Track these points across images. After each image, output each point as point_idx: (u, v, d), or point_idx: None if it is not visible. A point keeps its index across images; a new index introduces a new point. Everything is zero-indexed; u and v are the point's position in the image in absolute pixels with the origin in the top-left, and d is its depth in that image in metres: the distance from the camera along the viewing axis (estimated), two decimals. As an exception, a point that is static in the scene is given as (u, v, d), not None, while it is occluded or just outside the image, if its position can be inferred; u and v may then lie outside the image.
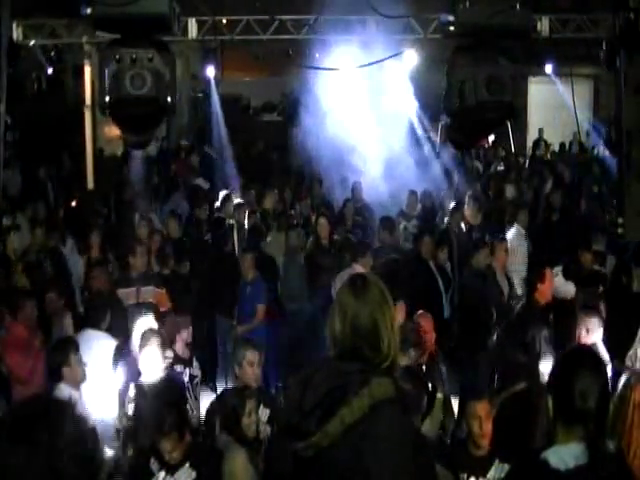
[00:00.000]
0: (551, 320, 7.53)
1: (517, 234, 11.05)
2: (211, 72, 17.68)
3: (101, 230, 10.92)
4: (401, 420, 2.87)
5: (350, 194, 12.87)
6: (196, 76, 23.16)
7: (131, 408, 6.30)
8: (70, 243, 10.47)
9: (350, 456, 2.77)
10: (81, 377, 6.13)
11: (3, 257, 9.25)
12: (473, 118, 8.78)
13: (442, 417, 6.10)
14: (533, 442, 4.65)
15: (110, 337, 7.14)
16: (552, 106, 21.99)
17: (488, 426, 4.99)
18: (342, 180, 13.62)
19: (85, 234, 10.60)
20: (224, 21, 11.24)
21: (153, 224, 11.42)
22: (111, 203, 13.75)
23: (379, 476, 2.75)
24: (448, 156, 20.19)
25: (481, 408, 5.07)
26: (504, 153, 20.76)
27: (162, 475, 5.16)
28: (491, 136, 20.14)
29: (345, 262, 9.52)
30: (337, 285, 7.90)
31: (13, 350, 7.22)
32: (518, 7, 8.87)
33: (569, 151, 21.86)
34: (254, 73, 23.82)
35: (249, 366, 6.04)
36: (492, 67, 8.48)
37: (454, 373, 8.34)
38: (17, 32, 10.57)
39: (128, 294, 8.58)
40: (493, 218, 12.26)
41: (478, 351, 8.37)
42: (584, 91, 22.55)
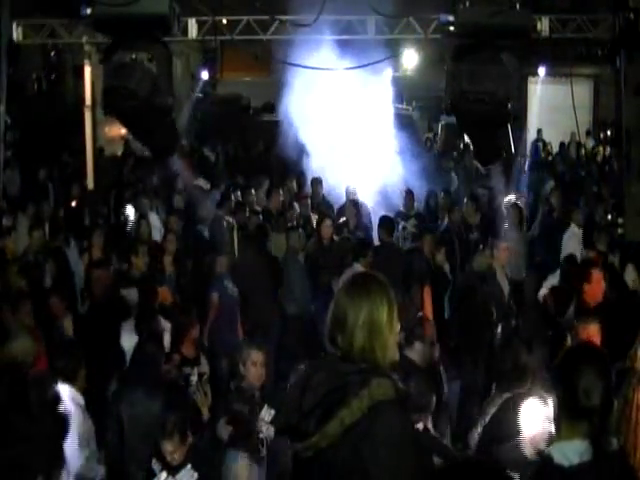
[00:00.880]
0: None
1: (572, 233, 10.99)
2: (205, 75, 17.75)
3: (102, 230, 10.91)
4: (401, 421, 2.87)
5: (348, 195, 12.88)
6: (196, 76, 23.18)
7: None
8: (72, 243, 10.46)
9: (349, 457, 2.77)
10: (84, 382, 6.12)
11: (2, 258, 9.24)
12: (473, 119, 8.78)
13: None
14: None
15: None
16: (552, 106, 22.00)
17: None
18: (339, 180, 13.62)
19: (86, 234, 10.59)
20: (224, 21, 11.24)
21: (151, 224, 11.42)
22: (111, 203, 13.73)
23: (378, 477, 2.76)
24: (448, 156, 20.24)
25: None
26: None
27: (164, 476, 5.16)
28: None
29: (346, 262, 9.52)
30: (338, 285, 7.88)
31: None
32: (518, 7, 8.88)
33: (568, 151, 21.86)
34: (254, 73, 23.80)
35: (253, 366, 6.02)
36: (492, 67, 8.48)
37: (454, 373, 8.35)
38: (17, 32, 10.56)
39: (130, 293, 8.58)
40: (492, 218, 12.24)
41: (478, 351, 8.37)
42: (584, 91, 22.55)
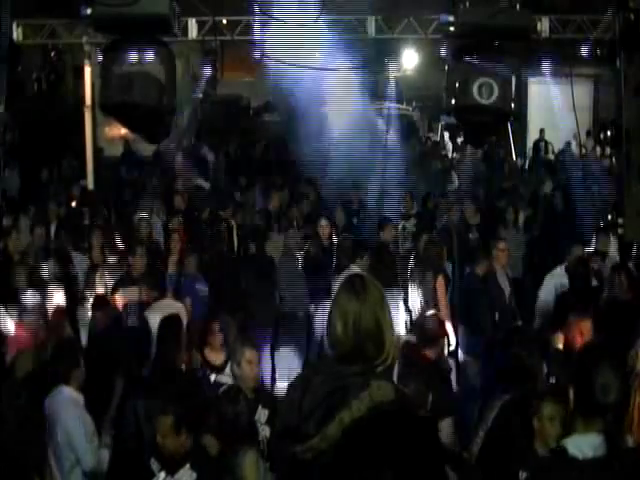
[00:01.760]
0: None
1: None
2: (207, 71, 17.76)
3: (102, 230, 10.90)
4: (401, 423, 2.87)
5: (347, 195, 12.87)
6: (196, 76, 23.16)
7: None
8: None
9: (349, 459, 2.77)
10: (83, 380, 6.14)
11: (4, 258, 9.24)
12: (473, 120, 8.78)
13: None
14: (532, 448, 4.60)
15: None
16: (552, 107, 21.98)
17: None
18: (339, 181, 13.61)
19: (86, 234, 10.59)
20: (224, 21, 11.24)
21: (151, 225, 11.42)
22: (111, 203, 13.73)
23: (379, 479, 2.75)
24: (448, 155, 20.23)
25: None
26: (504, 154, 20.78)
27: (162, 475, 5.16)
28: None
29: (344, 263, 9.51)
30: (336, 287, 7.87)
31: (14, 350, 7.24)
32: (518, 7, 8.87)
33: (569, 151, 21.84)
34: (254, 73, 23.79)
35: (248, 365, 6.03)
36: (492, 68, 8.48)
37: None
38: (17, 32, 10.56)
39: (131, 293, 8.58)
40: (492, 218, 12.25)
41: (481, 353, 8.37)
42: (584, 91, 22.53)
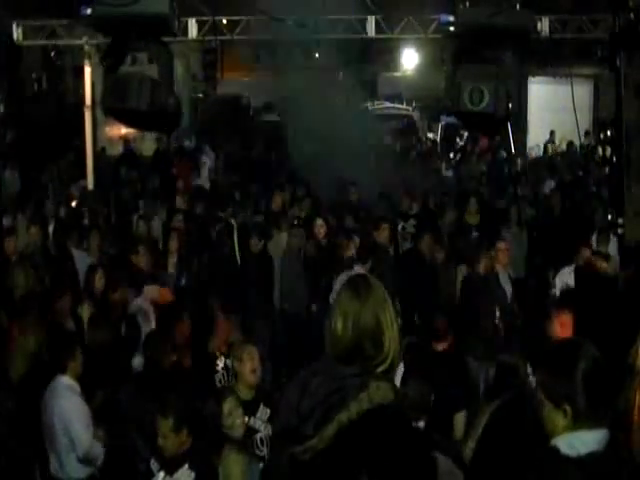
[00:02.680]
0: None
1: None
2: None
3: (102, 230, 10.90)
4: (400, 424, 2.86)
5: (347, 195, 12.87)
6: (196, 76, 23.20)
7: None
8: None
9: (348, 460, 2.77)
10: (80, 371, 6.19)
11: (3, 258, 9.24)
12: (473, 120, 8.79)
13: None
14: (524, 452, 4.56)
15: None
16: (552, 106, 22.00)
17: None
18: (337, 180, 13.60)
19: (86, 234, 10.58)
20: (224, 21, 11.25)
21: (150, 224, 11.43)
22: (111, 203, 13.73)
23: None
24: (448, 155, 20.26)
25: None
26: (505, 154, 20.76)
27: (161, 475, 5.17)
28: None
29: (344, 263, 9.51)
30: (337, 286, 7.90)
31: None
32: (518, 7, 8.88)
33: (569, 151, 21.86)
34: (254, 73, 23.83)
35: (250, 360, 6.03)
36: (492, 67, 8.48)
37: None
38: (17, 32, 10.58)
39: (132, 293, 8.58)
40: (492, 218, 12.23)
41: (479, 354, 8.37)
42: (584, 91, 22.55)
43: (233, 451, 5.24)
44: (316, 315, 9.51)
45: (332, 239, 10.58)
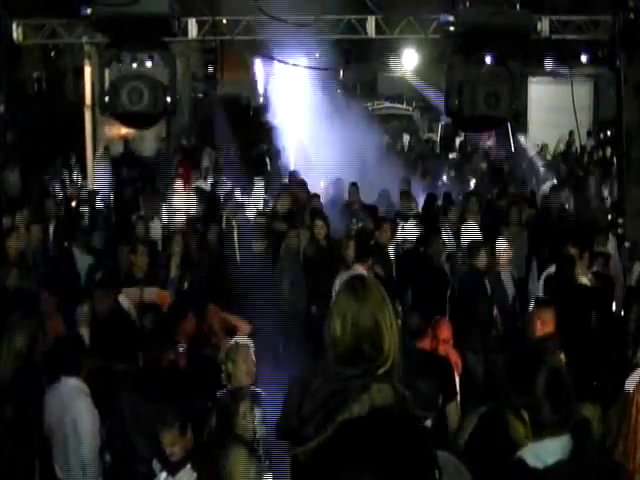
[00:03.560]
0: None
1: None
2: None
3: (102, 230, 10.91)
4: (401, 426, 2.86)
5: (346, 195, 12.85)
6: (196, 76, 23.18)
7: None
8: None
9: (349, 462, 2.76)
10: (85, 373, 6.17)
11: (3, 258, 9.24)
12: (473, 119, 8.79)
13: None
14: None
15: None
16: (552, 106, 22.00)
17: None
18: (336, 181, 13.58)
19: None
20: (224, 21, 11.24)
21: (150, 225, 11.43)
22: (111, 203, 13.74)
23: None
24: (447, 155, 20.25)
25: None
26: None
27: (163, 476, 5.18)
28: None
29: (343, 263, 9.51)
30: (336, 286, 7.90)
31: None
32: (518, 7, 8.89)
33: (569, 151, 21.86)
34: (254, 73, 23.79)
35: (244, 362, 6.03)
36: (492, 67, 8.48)
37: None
38: (17, 32, 10.57)
39: (132, 293, 8.58)
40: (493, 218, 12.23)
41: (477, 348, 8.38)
42: (584, 91, 22.55)
43: (243, 453, 5.23)
44: (316, 316, 9.50)
45: (332, 239, 10.59)
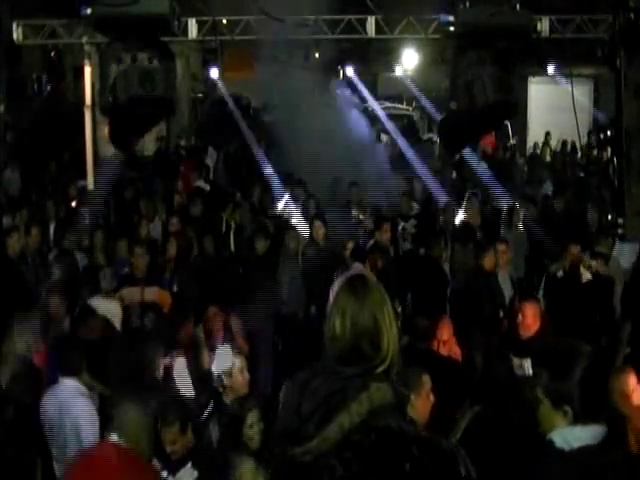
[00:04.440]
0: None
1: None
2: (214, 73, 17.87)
3: (102, 230, 10.90)
4: (400, 425, 2.86)
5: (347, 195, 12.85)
6: (196, 76, 23.19)
7: None
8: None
9: (348, 462, 2.77)
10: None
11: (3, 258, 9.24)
12: (473, 118, 8.79)
13: None
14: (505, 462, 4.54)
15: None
16: (552, 106, 22.01)
17: None
18: (336, 180, 13.58)
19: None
20: (224, 21, 11.25)
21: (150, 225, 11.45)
22: (111, 203, 13.73)
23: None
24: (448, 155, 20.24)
25: None
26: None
27: (164, 475, 5.18)
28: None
29: (343, 263, 9.50)
30: (336, 287, 7.86)
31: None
32: (518, 7, 8.89)
33: (569, 151, 21.87)
34: (254, 73, 23.79)
35: (239, 373, 5.96)
36: (492, 67, 8.49)
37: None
38: (17, 32, 10.58)
39: (132, 293, 8.58)
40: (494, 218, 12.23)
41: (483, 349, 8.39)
42: (584, 91, 22.56)
43: (250, 463, 5.21)
44: (315, 317, 9.50)
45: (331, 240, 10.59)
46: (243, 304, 9.27)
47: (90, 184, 14.02)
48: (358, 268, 8.80)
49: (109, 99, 8.19)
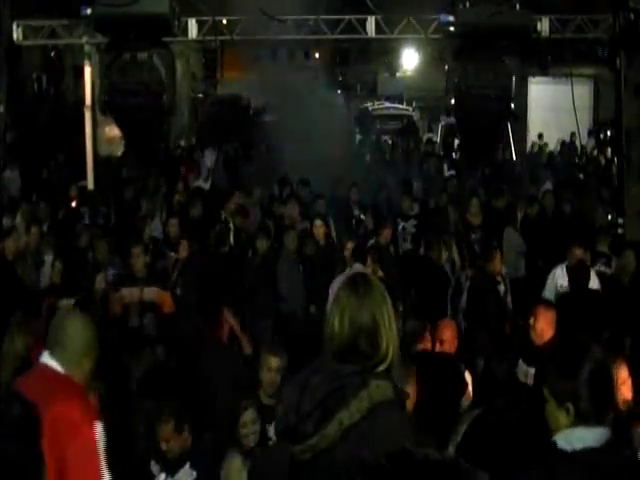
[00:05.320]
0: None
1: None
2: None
3: (103, 231, 10.90)
4: (400, 422, 2.86)
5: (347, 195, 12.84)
6: (196, 76, 23.21)
7: None
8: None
9: (348, 459, 2.77)
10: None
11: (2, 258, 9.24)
12: (475, 118, 8.79)
13: None
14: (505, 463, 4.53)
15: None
16: (552, 106, 22.01)
17: None
18: (337, 180, 13.57)
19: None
20: (224, 21, 11.25)
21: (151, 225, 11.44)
22: (111, 203, 13.73)
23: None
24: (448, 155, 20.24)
25: None
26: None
27: (162, 477, 5.17)
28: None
29: (343, 263, 9.50)
30: (335, 286, 7.88)
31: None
32: (518, 7, 8.90)
33: (568, 151, 21.85)
34: (254, 73, 23.80)
35: (268, 372, 5.92)
36: (492, 67, 8.50)
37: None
38: (17, 32, 10.58)
39: (132, 293, 8.57)
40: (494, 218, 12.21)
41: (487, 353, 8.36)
42: (584, 91, 22.56)
43: (237, 461, 5.21)
44: (315, 316, 9.49)
45: (331, 239, 10.59)
46: (243, 304, 9.29)
47: (90, 184, 14.02)
48: (358, 268, 8.83)
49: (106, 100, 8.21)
